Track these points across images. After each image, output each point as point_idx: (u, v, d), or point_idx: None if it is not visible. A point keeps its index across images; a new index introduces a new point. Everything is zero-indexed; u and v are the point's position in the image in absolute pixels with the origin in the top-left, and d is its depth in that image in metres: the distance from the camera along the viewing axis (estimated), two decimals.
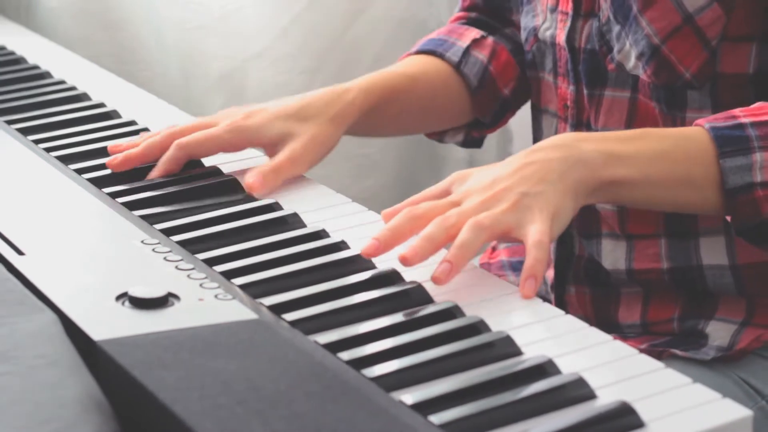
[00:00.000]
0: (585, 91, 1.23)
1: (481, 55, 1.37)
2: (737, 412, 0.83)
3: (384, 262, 1.03)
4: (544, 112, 1.31)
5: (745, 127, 1.06)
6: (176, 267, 1.00)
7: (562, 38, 1.24)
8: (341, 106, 1.25)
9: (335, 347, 0.90)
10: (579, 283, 1.27)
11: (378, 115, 1.30)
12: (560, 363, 0.88)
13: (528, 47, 1.31)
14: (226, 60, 1.92)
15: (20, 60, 1.59)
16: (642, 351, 1.10)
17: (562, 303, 1.28)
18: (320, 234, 1.08)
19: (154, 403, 0.80)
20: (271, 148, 1.22)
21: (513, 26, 1.40)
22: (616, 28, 1.18)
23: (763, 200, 1.05)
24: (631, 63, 1.18)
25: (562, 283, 1.28)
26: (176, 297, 0.94)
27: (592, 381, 0.85)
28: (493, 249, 1.42)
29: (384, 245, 1.00)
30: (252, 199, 1.16)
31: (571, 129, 1.25)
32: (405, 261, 0.98)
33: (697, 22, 1.14)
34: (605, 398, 0.84)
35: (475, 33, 1.39)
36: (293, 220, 1.11)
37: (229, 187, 1.18)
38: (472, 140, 1.44)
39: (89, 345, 0.87)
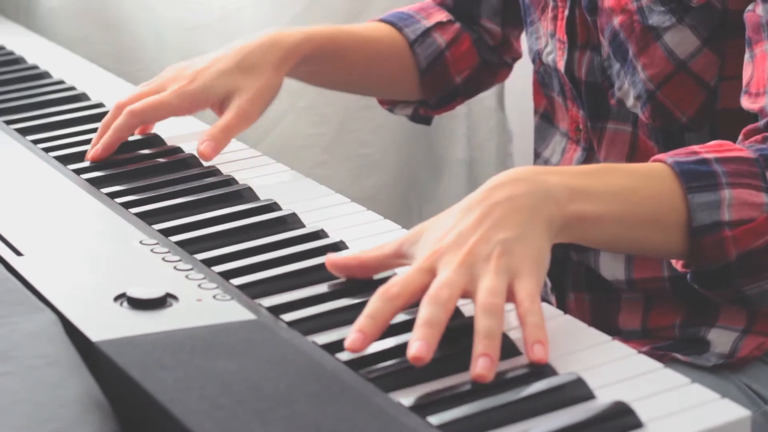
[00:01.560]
0: (588, 122, 1.22)
1: (441, 38, 1.38)
2: (736, 412, 0.83)
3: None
4: (555, 129, 1.30)
5: (710, 163, 1.00)
6: (175, 267, 1.00)
7: (561, 66, 1.23)
8: (282, 52, 1.26)
9: (334, 348, 0.90)
10: (578, 290, 1.26)
11: (318, 64, 1.31)
12: (559, 363, 0.88)
13: (536, 68, 1.30)
14: None
15: (19, 60, 1.59)
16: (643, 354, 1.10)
17: (562, 309, 1.27)
18: (319, 234, 1.08)
19: (153, 404, 0.80)
20: (219, 107, 1.24)
21: (480, 28, 1.41)
22: (616, 66, 1.18)
23: (730, 241, 0.99)
24: (630, 102, 1.18)
25: (560, 289, 1.28)
26: (175, 297, 0.94)
27: (591, 381, 0.85)
28: None
29: (370, 336, 0.88)
30: (250, 199, 1.16)
31: (583, 152, 1.24)
32: (420, 361, 0.85)
33: (691, 68, 1.12)
34: (604, 398, 0.84)
35: (443, 15, 1.40)
36: (292, 220, 1.11)
37: (227, 185, 1.18)
38: (420, 117, 1.46)
39: (88, 346, 0.87)
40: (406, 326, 0.93)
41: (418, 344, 0.86)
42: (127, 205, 1.13)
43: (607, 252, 1.21)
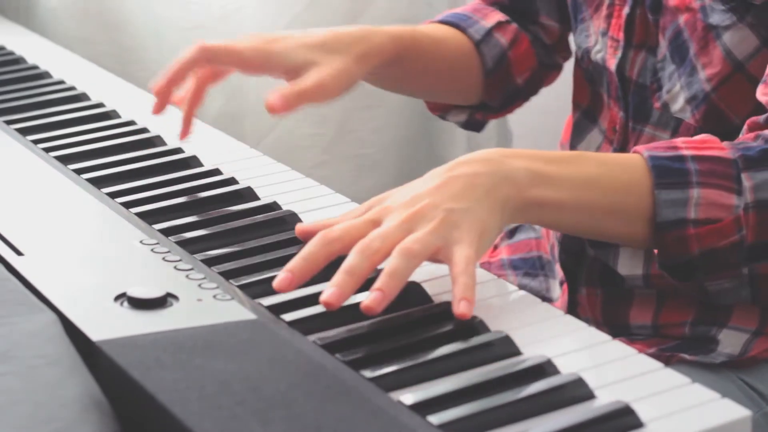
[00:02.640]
0: (630, 123, 1.21)
1: (503, 39, 1.35)
2: (736, 412, 0.83)
3: (384, 263, 1.03)
4: (595, 125, 1.29)
5: (686, 160, 1.01)
6: (175, 267, 1.00)
7: (612, 65, 1.22)
8: (368, 46, 1.21)
9: (334, 347, 0.90)
10: (591, 285, 1.26)
11: (399, 67, 1.26)
12: (559, 363, 0.88)
13: (584, 65, 1.29)
14: None
15: (19, 60, 1.59)
16: (651, 355, 1.10)
17: (573, 302, 1.27)
18: None
19: (153, 404, 0.80)
20: (292, 74, 1.18)
21: (537, 26, 1.38)
22: (670, 68, 1.16)
23: (694, 239, 1.01)
24: (677, 105, 1.16)
25: (573, 283, 1.27)
26: (175, 297, 0.94)
27: (591, 381, 0.85)
28: (495, 247, 1.41)
29: (299, 277, 0.92)
30: (250, 198, 1.16)
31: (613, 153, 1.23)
32: (329, 305, 0.89)
33: (748, 69, 1.11)
34: (604, 398, 0.84)
35: (500, 16, 1.37)
36: (292, 220, 1.11)
37: (227, 183, 1.18)
38: (474, 122, 1.41)
39: (88, 345, 0.87)
40: (407, 327, 0.93)
41: (332, 291, 0.89)
42: (127, 205, 1.13)
43: (627, 249, 1.21)
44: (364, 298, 0.90)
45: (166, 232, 1.08)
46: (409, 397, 0.83)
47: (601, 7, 1.24)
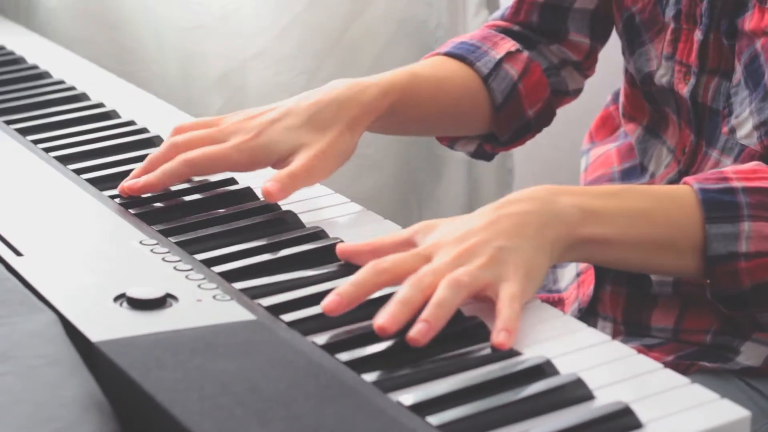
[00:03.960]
0: (701, 147, 1.20)
1: (513, 70, 1.31)
2: (736, 412, 0.83)
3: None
4: (661, 141, 1.27)
5: (737, 193, 1.01)
6: (174, 268, 1.00)
7: (684, 91, 1.19)
8: (357, 110, 1.17)
9: (334, 348, 0.90)
10: (617, 284, 1.25)
11: (396, 117, 1.23)
12: (558, 363, 0.88)
13: (646, 88, 1.26)
14: (226, 60, 1.92)
15: (19, 60, 1.59)
16: (669, 364, 1.10)
17: (595, 298, 1.26)
18: (319, 234, 1.08)
19: (152, 404, 0.80)
20: (281, 164, 1.15)
21: (561, 43, 1.35)
22: (743, 93, 1.14)
23: (745, 272, 1.00)
24: (744, 131, 1.14)
25: (600, 280, 1.26)
26: (174, 298, 0.94)
27: (591, 382, 0.85)
28: None
29: (347, 301, 0.92)
30: (250, 199, 1.16)
31: (678, 175, 1.21)
32: (382, 331, 0.89)
33: None
34: (603, 399, 0.84)
35: (510, 45, 1.32)
36: (292, 220, 1.11)
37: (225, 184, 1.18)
38: (483, 153, 1.38)
39: (88, 346, 0.87)
40: (406, 327, 0.93)
41: (387, 318, 0.89)
42: (127, 206, 1.13)
43: None
44: (410, 330, 0.89)
45: (166, 232, 1.08)
46: (408, 397, 0.83)
47: (664, 31, 1.21)
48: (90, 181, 1.19)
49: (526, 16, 1.36)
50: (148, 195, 1.15)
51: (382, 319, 0.89)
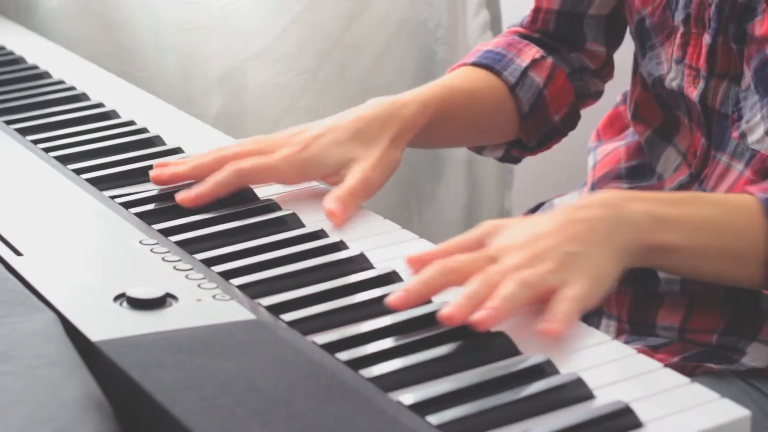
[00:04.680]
0: (710, 151, 1.20)
1: (538, 77, 1.32)
2: (736, 412, 0.83)
3: (383, 263, 1.03)
4: (671, 144, 1.27)
5: None
6: (174, 267, 1.00)
7: (693, 94, 1.19)
8: (400, 125, 1.19)
9: (334, 347, 0.90)
10: (623, 283, 1.24)
11: (433, 131, 1.25)
12: (559, 363, 0.88)
13: (655, 92, 1.26)
14: (226, 60, 1.92)
15: (19, 60, 1.59)
16: (674, 365, 1.10)
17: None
18: (319, 234, 1.08)
19: (152, 404, 0.80)
20: (331, 177, 1.17)
21: (579, 51, 1.36)
22: (753, 98, 1.14)
23: None
24: (755, 136, 1.14)
25: None
26: (174, 297, 0.94)
27: (591, 381, 0.85)
28: None
29: (414, 298, 0.93)
30: (250, 199, 1.16)
31: (689, 178, 1.22)
32: (450, 320, 0.90)
33: None
34: (603, 398, 0.84)
35: (534, 51, 1.34)
36: (292, 220, 1.11)
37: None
38: (511, 158, 1.40)
39: (88, 346, 0.87)
40: (406, 326, 0.93)
41: (453, 309, 0.90)
42: (127, 205, 1.13)
43: None
44: (476, 313, 0.90)
45: (166, 232, 1.08)
46: (409, 397, 0.83)
47: (674, 35, 1.21)
48: (90, 181, 1.19)
49: (543, 24, 1.37)
50: (148, 195, 1.15)
51: (449, 309, 0.91)
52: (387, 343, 0.90)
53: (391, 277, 1.00)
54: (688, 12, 1.19)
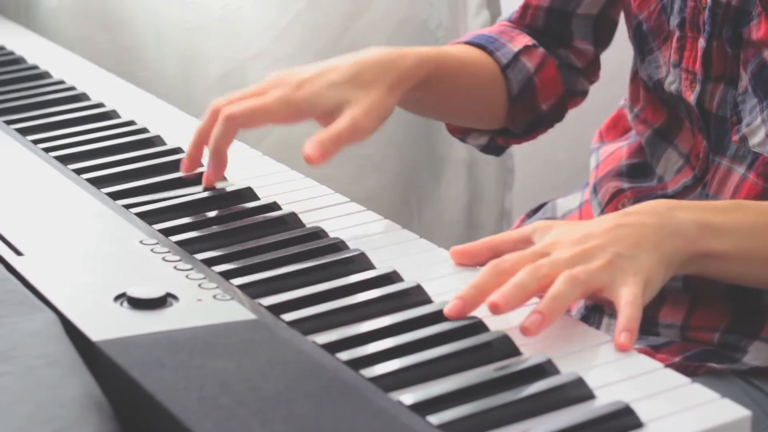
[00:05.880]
0: (709, 155, 1.20)
1: (530, 63, 1.32)
2: (736, 412, 0.83)
3: (383, 263, 1.03)
4: (671, 145, 1.27)
5: None
6: (175, 267, 1.00)
7: (691, 98, 1.20)
8: (398, 73, 1.18)
9: (334, 347, 0.90)
10: None
11: (427, 90, 1.24)
12: (559, 363, 0.88)
13: (658, 94, 1.26)
14: (226, 60, 1.92)
15: (19, 60, 1.59)
16: (676, 365, 1.10)
17: None
18: (319, 234, 1.08)
19: (152, 404, 0.80)
20: (326, 118, 1.15)
21: (567, 48, 1.36)
22: (752, 101, 1.14)
23: None
24: (756, 139, 1.15)
25: None
26: (175, 297, 0.94)
27: (591, 381, 0.85)
28: None
29: (470, 304, 0.93)
30: (250, 199, 1.16)
31: (693, 181, 1.22)
32: (496, 308, 0.91)
33: None
34: (604, 398, 0.84)
35: (527, 39, 1.34)
36: (292, 220, 1.11)
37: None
38: (495, 147, 1.39)
39: (88, 345, 0.87)
40: (406, 326, 0.93)
41: (500, 296, 0.91)
42: (127, 205, 1.13)
43: None
44: (525, 319, 0.91)
45: (166, 232, 1.08)
46: (409, 397, 0.83)
47: (670, 39, 1.22)
48: (90, 181, 1.19)
49: (531, 20, 1.37)
50: (149, 194, 1.15)
51: (495, 297, 0.91)
52: (387, 343, 0.90)
53: (391, 277, 1.00)
54: (683, 16, 1.19)
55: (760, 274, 1.05)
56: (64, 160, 1.24)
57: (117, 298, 0.94)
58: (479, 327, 0.92)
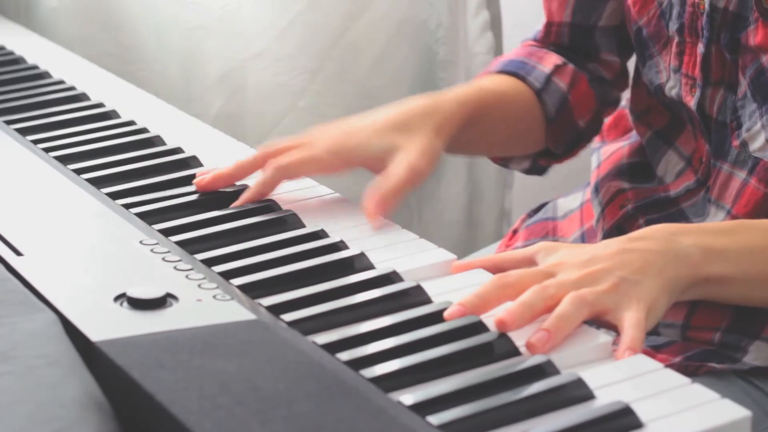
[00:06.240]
0: (711, 159, 1.20)
1: (562, 83, 1.33)
2: (736, 412, 0.83)
3: (383, 263, 1.03)
4: (672, 147, 1.27)
5: None
6: (175, 267, 1.00)
7: (691, 103, 1.20)
8: (442, 117, 1.19)
9: (334, 347, 0.90)
10: None
11: (469, 132, 1.24)
12: (559, 363, 0.88)
13: (660, 99, 1.27)
14: (226, 60, 1.92)
15: (19, 60, 1.59)
16: (677, 365, 1.10)
17: None
18: (319, 234, 1.08)
19: (152, 404, 0.80)
20: (376, 165, 1.16)
21: (595, 62, 1.36)
22: (751, 106, 1.15)
23: None
24: (757, 144, 1.15)
25: None
26: (174, 297, 0.94)
27: (591, 381, 0.85)
28: (514, 232, 1.41)
29: (471, 312, 0.94)
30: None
31: (696, 184, 1.22)
32: (503, 325, 0.92)
33: None
34: (604, 399, 0.84)
35: (555, 58, 1.34)
36: (292, 220, 1.11)
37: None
38: (537, 168, 1.40)
39: (88, 346, 0.87)
40: (406, 326, 0.93)
41: (507, 314, 0.92)
42: (127, 205, 1.13)
43: None
44: (532, 336, 0.91)
45: (166, 232, 1.08)
46: (409, 397, 0.83)
47: (670, 44, 1.22)
48: (90, 181, 1.19)
49: (556, 37, 1.37)
50: (149, 194, 1.15)
51: (503, 314, 0.92)
52: (387, 343, 0.90)
53: (391, 277, 1.00)
54: (681, 22, 1.20)
55: (763, 296, 1.06)
56: (64, 160, 1.24)
57: (117, 298, 0.94)
58: (479, 327, 0.92)
